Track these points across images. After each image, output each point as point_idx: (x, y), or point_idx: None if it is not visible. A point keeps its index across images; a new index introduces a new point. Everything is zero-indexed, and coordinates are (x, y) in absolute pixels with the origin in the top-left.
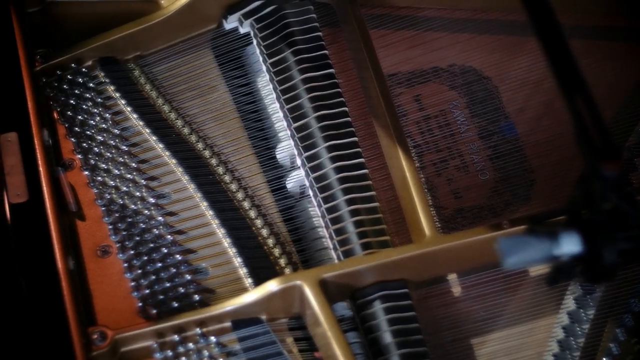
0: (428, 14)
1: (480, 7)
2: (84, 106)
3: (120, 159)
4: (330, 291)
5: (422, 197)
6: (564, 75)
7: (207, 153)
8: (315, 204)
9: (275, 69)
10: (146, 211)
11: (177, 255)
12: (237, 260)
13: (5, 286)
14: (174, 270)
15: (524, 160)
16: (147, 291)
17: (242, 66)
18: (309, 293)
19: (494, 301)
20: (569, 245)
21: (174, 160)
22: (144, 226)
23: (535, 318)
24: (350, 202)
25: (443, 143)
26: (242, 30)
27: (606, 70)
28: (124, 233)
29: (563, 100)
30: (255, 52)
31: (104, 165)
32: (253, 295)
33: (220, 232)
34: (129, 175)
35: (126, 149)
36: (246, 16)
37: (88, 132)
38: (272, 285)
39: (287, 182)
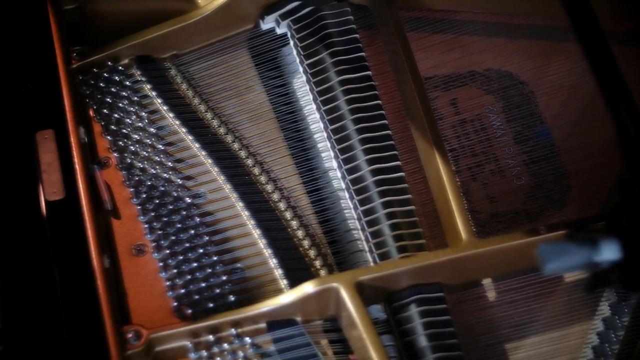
0: (464, 17)
1: (516, 11)
2: (120, 104)
3: (156, 158)
4: (365, 294)
5: (459, 201)
6: (607, 84)
7: (243, 153)
8: (352, 206)
9: (312, 71)
10: (182, 211)
11: (213, 256)
12: (273, 262)
13: (40, 284)
14: (210, 270)
15: (560, 166)
16: (182, 291)
17: (278, 67)
18: (345, 295)
19: (529, 306)
20: (609, 252)
21: (209, 160)
22: (179, 225)
23: (569, 324)
24: (386, 204)
25: (479, 147)
26: (279, 31)
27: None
28: (159, 232)
29: (606, 108)
30: (292, 53)
31: (140, 164)
32: (289, 296)
33: (256, 232)
34: (165, 175)
35: (162, 148)
36: (283, 17)
37: (124, 131)
38: (308, 287)
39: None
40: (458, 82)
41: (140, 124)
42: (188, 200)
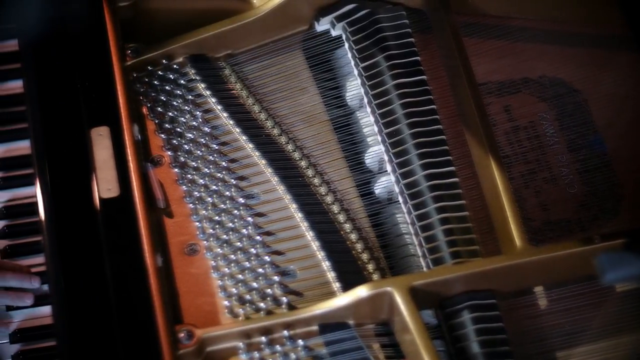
0: (518, 24)
1: (570, 19)
2: (174, 103)
3: (210, 158)
4: (418, 299)
5: (513, 207)
6: None
7: (296, 155)
8: (405, 210)
9: (367, 74)
10: (235, 211)
11: (266, 257)
12: (326, 264)
13: (94, 282)
14: (262, 271)
15: (613, 175)
16: (234, 291)
17: (332, 69)
18: (399, 300)
19: (580, 315)
20: None
21: (263, 161)
22: (232, 226)
23: (621, 334)
24: (440, 210)
25: (532, 154)
26: (333, 33)
27: None
28: (212, 232)
29: None
30: (345, 55)
31: (193, 163)
32: (343, 299)
33: (309, 235)
34: (218, 174)
35: (216, 148)
36: (339, 19)
37: (178, 129)
38: (362, 291)
39: (375, 188)
40: (512, 88)
41: (194, 122)
42: (241, 200)
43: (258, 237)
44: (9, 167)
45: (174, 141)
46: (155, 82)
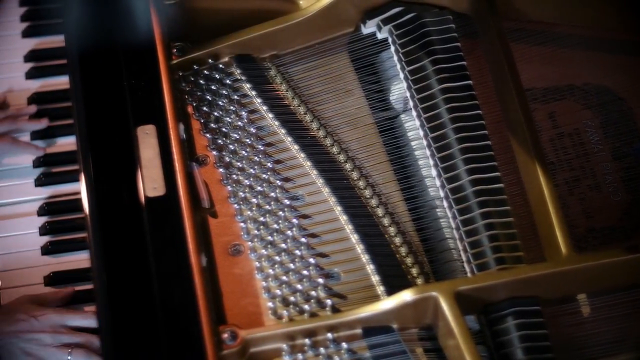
0: (564, 30)
1: (616, 26)
2: (219, 102)
3: (256, 158)
4: (462, 304)
5: (559, 214)
6: None
7: (341, 157)
8: (450, 215)
9: (412, 78)
10: (280, 212)
11: (310, 259)
12: (370, 267)
13: (139, 280)
14: (306, 273)
15: None
16: (278, 292)
17: (377, 72)
18: (444, 305)
19: (622, 324)
20: None
21: (308, 163)
22: (277, 227)
23: None
24: (485, 215)
25: (576, 162)
26: (379, 36)
27: None
28: (256, 233)
29: None
30: (390, 58)
31: (238, 164)
32: (388, 303)
33: (354, 238)
34: (263, 175)
35: (262, 149)
36: (385, 22)
37: (223, 129)
38: (407, 295)
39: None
40: (557, 95)
41: (239, 123)
42: (286, 202)
43: (303, 239)
44: (50, 163)
45: (219, 141)
46: (201, 81)
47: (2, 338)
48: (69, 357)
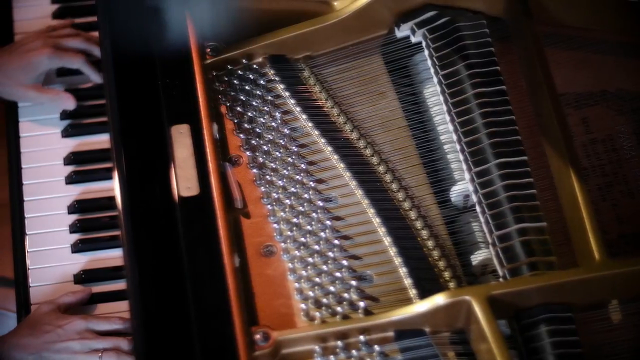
0: (598, 36)
1: None
2: (253, 103)
3: (289, 159)
4: (495, 308)
5: (593, 220)
6: None
7: (374, 159)
8: (483, 220)
9: (447, 82)
10: (313, 214)
11: (343, 261)
12: (402, 270)
13: (172, 280)
14: (339, 275)
15: None
16: (311, 294)
17: (409, 75)
18: (477, 309)
19: None
20: None
21: (342, 165)
22: (310, 229)
23: None
24: (518, 220)
25: (609, 168)
26: (413, 40)
27: None
28: (289, 234)
29: None
30: (423, 61)
31: (272, 164)
32: (422, 306)
33: (387, 240)
34: (297, 177)
35: (295, 150)
36: (419, 26)
37: (257, 130)
38: (439, 299)
39: (451, 194)
40: (590, 100)
41: (273, 123)
42: (320, 203)
43: (335, 241)
44: (81, 161)
45: (253, 141)
46: (235, 81)
47: (33, 352)
48: None
